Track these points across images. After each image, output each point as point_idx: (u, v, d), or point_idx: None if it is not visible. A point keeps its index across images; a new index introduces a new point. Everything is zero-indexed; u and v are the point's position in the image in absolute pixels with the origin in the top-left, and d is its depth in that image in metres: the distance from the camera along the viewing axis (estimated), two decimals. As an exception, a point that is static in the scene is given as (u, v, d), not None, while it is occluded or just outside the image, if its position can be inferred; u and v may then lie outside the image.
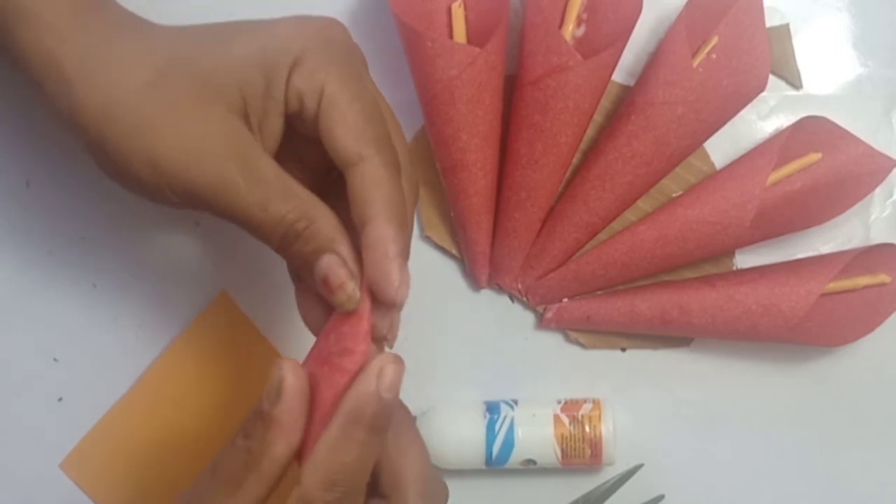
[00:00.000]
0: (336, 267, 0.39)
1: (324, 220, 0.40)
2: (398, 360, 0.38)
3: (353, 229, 0.40)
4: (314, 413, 0.38)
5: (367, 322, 0.39)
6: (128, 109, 0.39)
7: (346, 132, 0.40)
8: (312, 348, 0.41)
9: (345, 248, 0.40)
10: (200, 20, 0.43)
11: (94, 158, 0.41)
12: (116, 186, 0.42)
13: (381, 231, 0.39)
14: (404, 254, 0.40)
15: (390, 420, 0.38)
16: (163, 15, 0.43)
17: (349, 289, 0.39)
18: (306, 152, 0.43)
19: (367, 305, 0.39)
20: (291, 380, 0.37)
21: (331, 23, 0.43)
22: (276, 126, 0.41)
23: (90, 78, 0.39)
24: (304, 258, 0.40)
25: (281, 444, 0.37)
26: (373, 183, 0.40)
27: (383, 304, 0.39)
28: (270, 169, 0.40)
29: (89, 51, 0.40)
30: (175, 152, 0.39)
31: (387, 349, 0.41)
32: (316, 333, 0.42)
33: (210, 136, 0.39)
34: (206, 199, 0.39)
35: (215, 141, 0.39)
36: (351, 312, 0.39)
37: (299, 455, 0.38)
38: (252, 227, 0.40)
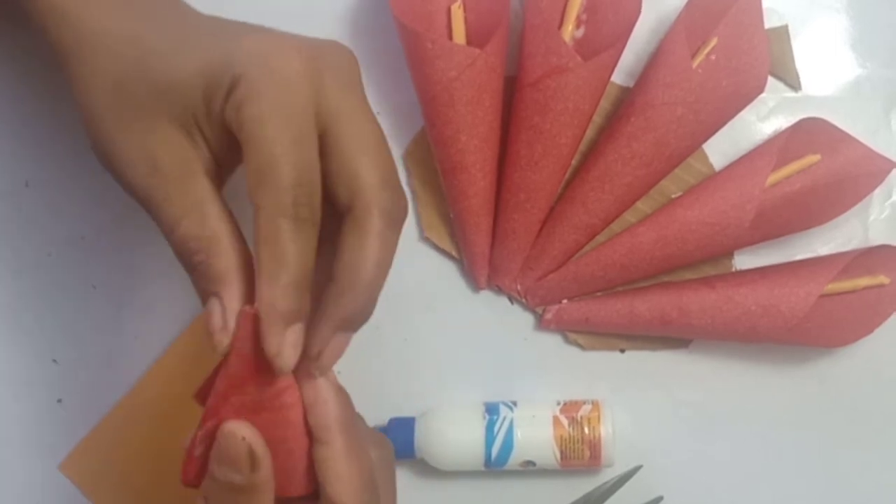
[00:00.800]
0: (212, 313, 0.37)
1: (220, 259, 0.38)
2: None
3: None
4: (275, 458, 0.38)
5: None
6: (97, 106, 0.39)
7: (250, 172, 0.36)
8: (216, 405, 0.38)
9: (231, 293, 0.37)
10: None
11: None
12: (116, 187, 0.42)
13: (262, 290, 0.36)
14: (292, 317, 0.36)
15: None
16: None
17: (216, 339, 0.37)
18: None
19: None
20: (260, 444, 0.37)
21: (289, 50, 0.38)
22: (220, 139, 0.39)
23: (82, 61, 0.40)
24: (198, 290, 0.39)
25: None
26: (261, 232, 0.36)
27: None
28: (196, 190, 0.39)
29: (84, 34, 0.40)
30: (119, 156, 0.39)
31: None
32: None
33: (148, 146, 0.39)
34: (140, 204, 0.39)
35: (150, 152, 0.38)
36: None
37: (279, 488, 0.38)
38: (168, 238, 0.39)
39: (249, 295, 0.38)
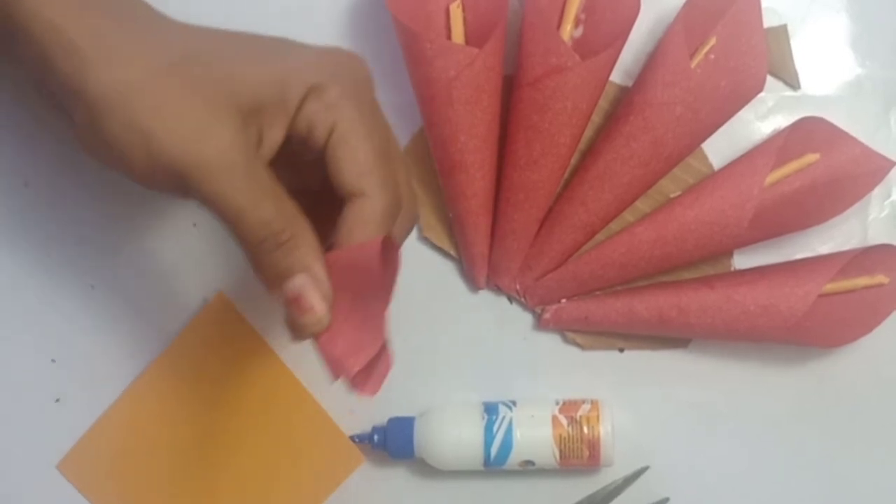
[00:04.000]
0: (311, 288, 0.39)
1: (307, 237, 0.40)
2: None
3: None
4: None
5: None
6: (137, 91, 0.39)
7: (353, 168, 0.41)
8: None
9: (321, 270, 0.40)
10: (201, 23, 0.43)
11: (82, 140, 0.41)
12: (115, 187, 0.42)
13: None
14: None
15: None
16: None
17: (320, 312, 0.40)
18: (297, 176, 0.43)
19: None
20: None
21: (353, 57, 0.44)
22: (276, 139, 0.41)
23: (107, 56, 0.39)
24: (278, 270, 0.40)
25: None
26: (362, 220, 0.40)
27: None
28: (265, 173, 0.40)
29: (101, 29, 0.40)
30: (172, 133, 0.38)
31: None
32: None
33: (213, 126, 0.39)
34: (196, 185, 0.38)
35: (218, 132, 0.39)
36: None
37: None
38: (235, 222, 0.39)
39: None
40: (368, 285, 0.41)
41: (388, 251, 0.40)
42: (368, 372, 0.42)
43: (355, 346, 0.42)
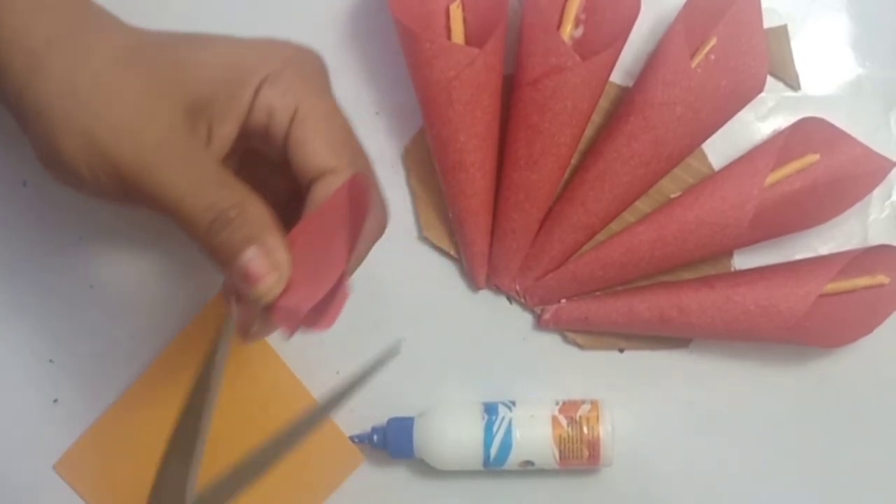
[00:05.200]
0: (259, 257, 0.38)
1: (256, 211, 0.39)
2: None
3: None
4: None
5: None
6: (80, 95, 0.39)
7: (321, 145, 0.40)
8: None
9: (273, 239, 0.39)
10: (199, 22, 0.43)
11: (40, 158, 0.41)
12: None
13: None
14: None
15: None
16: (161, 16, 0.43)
17: (270, 281, 0.38)
18: (263, 179, 0.43)
19: None
20: None
21: (307, 49, 0.43)
22: (228, 133, 0.41)
23: (49, 64, 0.39)
24: (230, 247, 0.39)
25: None
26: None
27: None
28: (207, 158, 0.39)
29: (52, 36, 0.39)
30: (111, 130, 0.38)
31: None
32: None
33: (151, 119, 0.38)
34: (137, 180, 0.38)
35: (155, 124, 0.38)
36: None
37: None
38: (180, 211, 0.39)
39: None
40: (334, 234, 0.39)
41: (356, 192, 0.39)
42: (323, 307, 0.39)
43: (309, 290, 0.39)
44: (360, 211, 0.39)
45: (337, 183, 0.40)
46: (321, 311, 0.39)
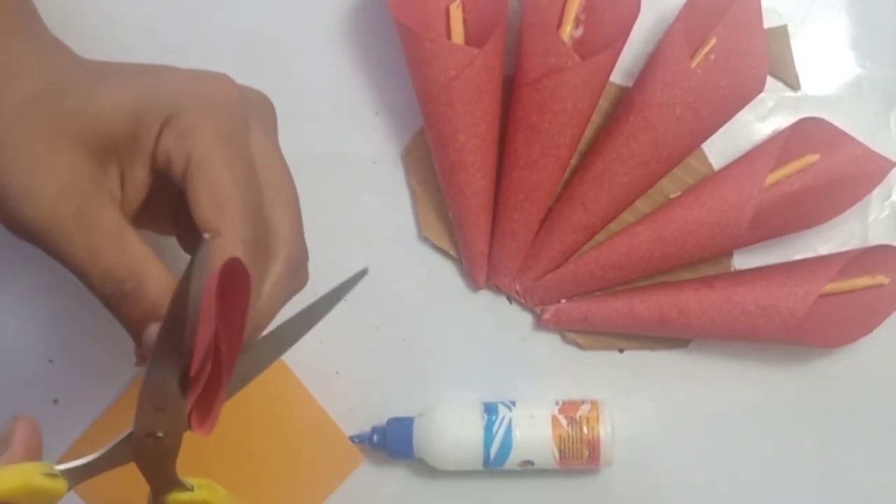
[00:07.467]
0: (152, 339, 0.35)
1: (154, 282, 0.36)
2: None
3: None
4: None
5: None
6: None
7: (207, 202, 0.36)
8: None
9: None
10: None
11: None
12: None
13: None
14: None
15: None
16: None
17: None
18: (185, 210, 0.39)
19: None
20: None
21: (219, 80, 0.39)
22: (140, 178, 0.38)
23: None
24: (130, 323, 0.37)
25: None
26: (219, 261, 0.35)
27: None
28: (109, 218, 0.37)
29: None
30: (14, 187, 0.36)
31: None
32: None
33: (49, 173, 0.36)
34: (41, 241, 0.36)
35: (54, 180, 0.36)
36: None
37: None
38: (81, 278, 0.37)
39: None
40: (211, 333, 0.35)
41: (230, 281, 0.34)
42: (205, 407, 0.38)
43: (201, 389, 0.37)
44: (239, 301, 0.35)
45: (221, 248, 0.36)
46: (203, 411, 0.37)
